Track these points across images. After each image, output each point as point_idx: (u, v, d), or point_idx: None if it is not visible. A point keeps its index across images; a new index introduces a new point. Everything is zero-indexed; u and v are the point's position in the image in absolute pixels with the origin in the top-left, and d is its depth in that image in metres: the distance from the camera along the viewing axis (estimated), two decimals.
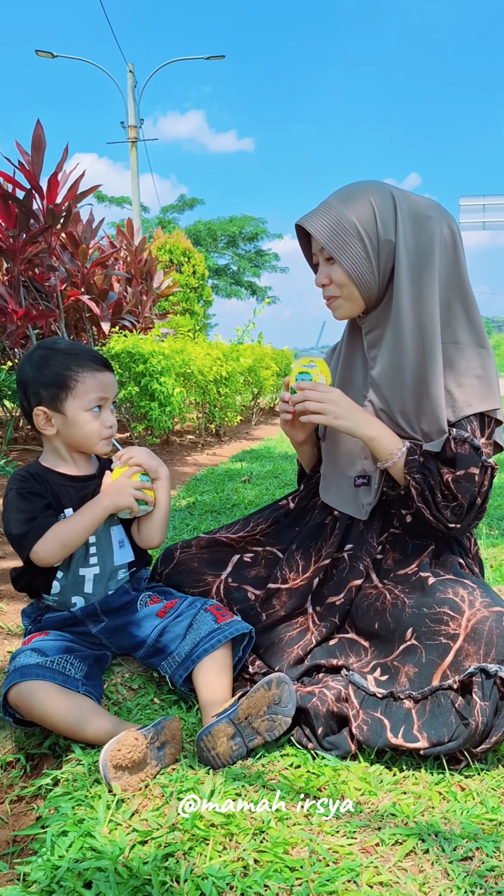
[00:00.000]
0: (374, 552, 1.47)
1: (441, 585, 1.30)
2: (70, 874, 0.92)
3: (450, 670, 1.17)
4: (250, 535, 1.70)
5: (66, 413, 1.39)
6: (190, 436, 6.23)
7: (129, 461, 1.46)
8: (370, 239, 1.37)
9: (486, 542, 2.59)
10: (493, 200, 25.76)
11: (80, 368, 1.40)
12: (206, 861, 0.95)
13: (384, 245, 1.37)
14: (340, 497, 1.55)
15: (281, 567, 1.56)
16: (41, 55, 14.04)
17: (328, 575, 1.50)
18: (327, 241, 1.37)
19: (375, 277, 1.40)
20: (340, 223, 1.37)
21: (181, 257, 12.48)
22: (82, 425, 1.40)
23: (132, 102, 15.62)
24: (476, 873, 0.94)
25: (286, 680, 1.22)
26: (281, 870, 0.94)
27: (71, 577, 1.42)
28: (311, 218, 1.40)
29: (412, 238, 1.37)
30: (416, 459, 1.39)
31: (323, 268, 1.45)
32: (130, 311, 5.39)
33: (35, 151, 3.83)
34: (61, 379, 1.39)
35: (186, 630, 1.40)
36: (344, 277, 1.40)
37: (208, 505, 3.20)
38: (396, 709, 1.19)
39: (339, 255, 1.37)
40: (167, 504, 1.52)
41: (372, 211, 1.36)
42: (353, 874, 0.93)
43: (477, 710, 1.12)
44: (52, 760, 1.25)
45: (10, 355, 3.99)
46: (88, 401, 1.40)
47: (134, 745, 1.10)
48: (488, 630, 1.17)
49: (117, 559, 1.49)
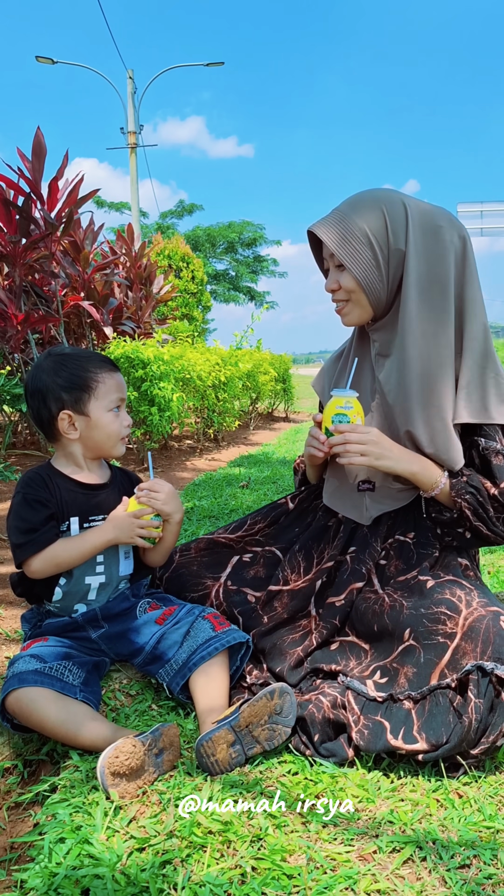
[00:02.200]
0: (377, 556, 1.48)
1: (439, 587, 1.31)
2: (67, 881, 0.92)
3: (448, 669, 1.18)
4: (249, 535, 1.71)
5: (90, 415, 1.41)
6: (188, 441, 6.24)
7: (147, 501, 1.44)
8: (380, 247, 1.38)
9: (483, 548, 2.59)
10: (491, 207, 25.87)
11: (97, 370, 1.42)
12: (203, 868, 0.95)
13: (394, 253, 1.39)
14: (344, 501, 1.55)
15: (282, 568, 1.56)
16: (41, 61, 14.08)
17: (331, 577, 1.51)
18: (338, 247, 1.39)
19: (384, 285, 1.41)
20: (351, 230, 1.38)
21: (180, 262, 12.51)
22: (105, 426, 1.42)
23: (132, 108, 15.67)
24: (474, 881, 0.94)
25: (288, 690, 1.22)
26: (279, 877, 0.94)
27: (75, 584, 1.43)
28: (323, 224, 1.42)
29: (422, 247, 1.39)
30: (461, 481, 1.41)
31: (333, 274, 1.46)
32: (130, 317, 5.40)
33: (36, 157, 3.85)
34: (82, 381, 1.40)
35: (184, 637, 1.40)
36: (353, 284, 1.42)
37: (206, 510, 3.20)
38: (396, 710, 1.20)
39: (350, 262, 1.39)
40: (172, 542, 1.53)
41: (383, 219, 1.38)
42: (350, 882, 0.93)
43: (471, 707, 1.12)
44: (49, 767, 1.25)
45: (9, 360, 3.99)
46: (110, 401, 1.42)
47: (132, 752, 1.10)
48: (485, 628, 1.18)
49: (123, 570, 1.50)
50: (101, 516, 1.46)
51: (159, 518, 1.45)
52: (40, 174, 3.90)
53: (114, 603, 1.47)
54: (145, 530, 1.43)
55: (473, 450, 1.44)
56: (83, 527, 1.44)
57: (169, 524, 1.48)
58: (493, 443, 1.41)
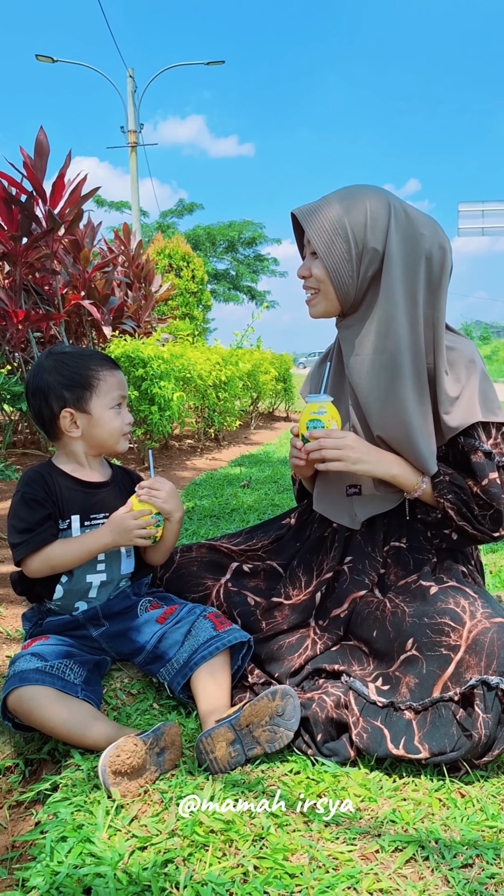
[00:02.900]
0: (378, 566, 1.47)
1: (442, 595, 1.29)
2: (69, 880, 0.91)
3: (451, 682, 1.16)
4: (251, 550, 1.70)
5: (92, 412, 1.42)
6: (189, 440, 6.23)
7: (148, 499, 1.43)
8: (356, 243, 1.37)
9: (485, 547, 2.59)
10: (492, 206, 25.85)
11: (98, 368, 1.43)
12: (205, 867, 0.95)
13: (369, 252, 1.37)
14: (333, 507, 1.54)
15: (284, 584, 1.55)
16: (41, 60, 14.07)
17: (330, 588, 1.49)
18: (315, 234, 1.38)
19: (354, 281, 1.40)
20: (331, 220, 1.37)
21: (180, 262, 12.49)
22: (107, 423, 1.43)
23: (132, 107, 15.66)
24: (476, 881, 0.94)
25: (291, 693, 1.20)
26: (281, 876, 0.94)
27: (76, 582, 1.43)
28: (306, 209, 1.41)
29: (401, 252, 1.37)
30: (444, 481, 1.40)
31: (308, 260, 1.46)
32: (131, 316, 5.40)
33: (38, 156, 3.85)
34: (83, 379, 1.41)
35: (185, 636, 1.39)
36: (323, 274, 1.41)
37: (207, 510, 3.20)
38: (397, 719, 1.19)
39: (323, 250, 1.38)
40: (173, 541, 1.52)
41: (365, 216, 1.36)
42: (352, 881, 0.93)
43: (480, 722, 1.11)
44: (51, 766, 1.25)
45: (10, 359, 3.99)
46: (111, 398, 1.43)
47: (133, 751, 1.09)
48: (489, 642, 1.16)
49: (124, 568, 1.50)
50: (103, 514, 1.46)
51: (160, 516, 1.45)
52: (43, 173, 3.91)
53: (114, 601, 1.47)
54: (145, 530, 1.42)
55: (453, 448, 1.44)
56: (84, 525, 1.44)
57: (169, 523, 1.48)
58: (472, 440, 1.40)
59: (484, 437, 1.39)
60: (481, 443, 1.39)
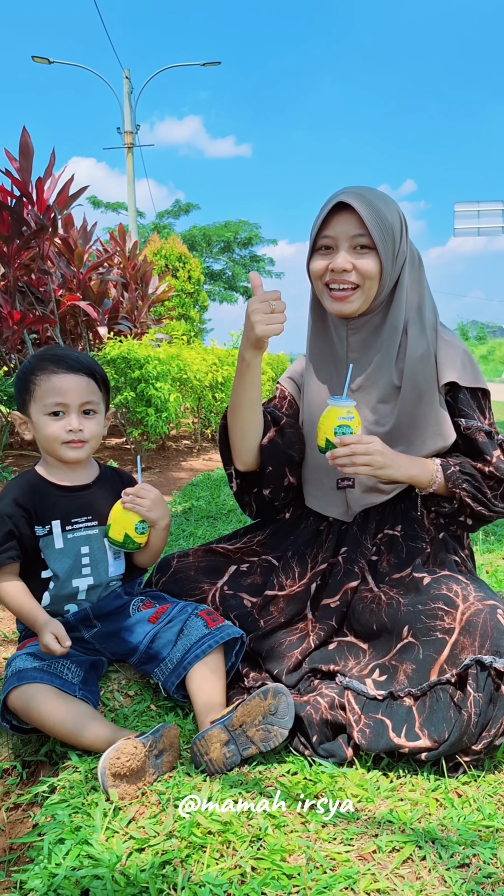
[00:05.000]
0: (368, 554, 1.49)
1: (435, 583, 1.31)
2: (67, 882, 0.92)
3: (447, 664, 1.18)
4: (247, 546, 1.70)
5: (31, 416, 1.41)
6: (186, 441, 6.23)
7: (132, 507, 1.42)
8: (395, 244, 1.41)
9: (481, 547, 2.60)
10: (487, 206, 25.88)
11: (40, 372, 1.39)
12: (203, 869, 0.95)
13: (400, 255, 1.43)
14: (326, 501, 1.55)
15: (277, 574, 1.55)
16: (37, 61, 14.04)
17: (325, 579, 1.51)
18: (376, 230, 1.37)
19: (391, 282, 1.45)
20: (385, 219, 1.39)
21: (177, 262, 12.50)
22: (41, 428, 1.40)
23: (128, 108, 15.65)
24: (473, 880, 0.94)
25: (283, 691, 1.21)
26: (278, 877, 0.94)
27: (62, 588, 1.42)
28: (359, 202, 1.36)
29: (410, 254, 1.45)
30: (455, 472, 1.43)
31: (348, 254, 1.41)
32: (126, 317, 5.40)
33: (23, 157, 3.86)
34: (24, 383, 1.41)
35: (177, 635, 1.39)
36: (375, 270, 1.40)
37: (204, 510, 3.20)
38: (397, 708, 1.20)
39: (382, 247, 1.39)
40: (160, 546, 1.52)
41: (399, 220, 1.42)
42: (350, 881, 0.93)
43: (471, 700, 1.13)
44: (48, 768, 1.25)
45: (6, 361, 3.98)
46: (44, 405, 1.38)
47: (133, 754, 1.09)
48: (483, 622, 1.18)
49: (113, 571, 1.50)
50: (85, 518, 1.45)
51: (145, 524, 1.45)
52: (29, 174, 3.91)
53: (105, 601, 1.47)
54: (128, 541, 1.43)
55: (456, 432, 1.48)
56: (66, 529, 1.43)
57: (155, 530, 1.47)
58: (473, 421, 1.45)
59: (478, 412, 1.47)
60: (480, 423, 1.45)
